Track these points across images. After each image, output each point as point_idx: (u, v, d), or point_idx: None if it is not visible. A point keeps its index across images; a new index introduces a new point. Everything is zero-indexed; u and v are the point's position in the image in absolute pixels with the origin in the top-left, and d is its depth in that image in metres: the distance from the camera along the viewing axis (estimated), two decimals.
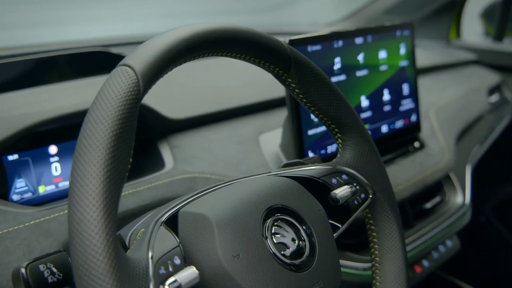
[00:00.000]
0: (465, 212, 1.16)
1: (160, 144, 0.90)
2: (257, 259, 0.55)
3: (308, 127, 0.93)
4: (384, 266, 0.71)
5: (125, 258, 0.47)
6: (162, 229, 0.55)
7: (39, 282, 0.51)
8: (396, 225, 0.73)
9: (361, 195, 0.71)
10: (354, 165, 0.72)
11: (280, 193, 0.62)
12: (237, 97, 1.05)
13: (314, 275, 0.59)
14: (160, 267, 0.49)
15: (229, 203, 0.58)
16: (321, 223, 0.64)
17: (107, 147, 0.47)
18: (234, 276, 0.53)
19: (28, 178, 0.79)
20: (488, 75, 1.73)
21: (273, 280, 0.55)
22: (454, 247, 1.17)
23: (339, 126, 0.71)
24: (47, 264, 0.52)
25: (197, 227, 0.55)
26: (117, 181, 0.47)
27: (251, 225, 0.57)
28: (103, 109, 0.48)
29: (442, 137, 1.21)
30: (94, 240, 0.44)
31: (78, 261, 0.44)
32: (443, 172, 1.13)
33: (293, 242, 0.59)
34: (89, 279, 0.44)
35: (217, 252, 0.54)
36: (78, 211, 0.45)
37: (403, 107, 1.14)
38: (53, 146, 0.82)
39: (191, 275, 0.50)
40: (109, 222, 0.45)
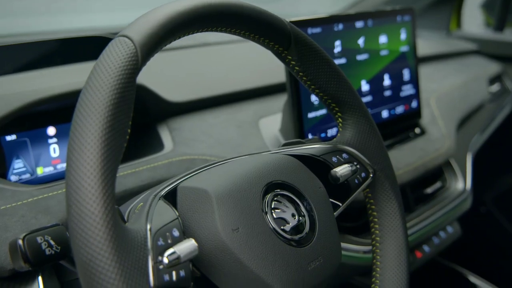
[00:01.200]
0: (466, 198, 1.16)
1: (159, 127, 0.89)
2: (256, 233, 0.54)
3: (308, 110, 0.92)
4: (385, 246, 0.71)
5: (123, 228, 0.46)
6: (161, 203, 0.54)
7: (37, 254, 0.50)
8: (397, 204, 0.72)
9: (362, 174, 0.71)
10: (355, 144, 0.71)
11: (280, 169, 0.62)
12: (237, 82, 1.04)
13: (314, 251, 0.58)
14: (158, 238, 0.49)
15: (228, 178, 0.58)
16: (321, 200, 0.63)
17: (105, 115, 0.46)
18: (233, 250, 0.53)
19: (26, 159, 0.78)
20: (489, 65, 1.73)
21: (273, 254, 0.54)
22: (454, 233, 1.16)
23: (339, 105, 0.70)
24: (45, 236, 0.52)
25: (196, 201, 0.55)
26: (116, 150, 0.47)
27: (251, 200, 0.56)
28: (101, 78, 0.48)
29: (443, 124, 1.21)
30: (91, 208, 0.44)
31: (75, 229, 0.44)
32: (443, 158, 1.12)
33: (293, 217, 0.59)
34: (87, 247, 0.43)
35: (216, 226, 0.53)
36: (75, 179, 0.45)
37: (403, 92, 1.13)
38: (51, 127, 0.81)
39: (190, 247, 0.49)
40: (107, 190, 0.45)
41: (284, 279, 0.54)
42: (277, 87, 1.08)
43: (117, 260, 0.44)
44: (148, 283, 0.46)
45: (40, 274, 0.64)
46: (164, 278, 0.47)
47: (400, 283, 0.68)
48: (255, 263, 0.53)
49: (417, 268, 1.08)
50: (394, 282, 0.68)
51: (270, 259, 0.54)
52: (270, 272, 0.53)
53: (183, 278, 0.49)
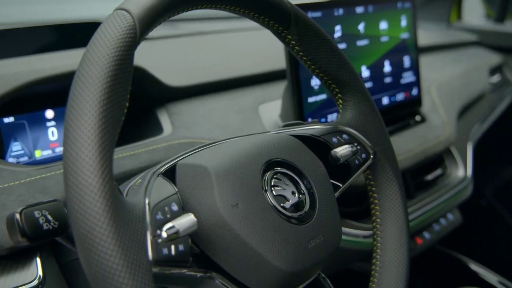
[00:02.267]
0: (466, 185, 1.15)
1: (158, 111, 0.89)
2: (256, 209, 0.54)
3: (308, 95, 0.91)
4: (385, 227, 0.70)
5: (121, 201, 0.46)
6: (159, 179, 0.54)
7: (34, 229, 0.50)
8: (397, 186, 0.72)
9: (362, 155, 0.70)
10: (355, 125, 0.71)
11: (280, 148, 0.61)
12: (237, 68, 1.04)
13: (314, 229, 0.58)
14: (157, 212, 0.48)
15: (227, 155, 0.57)
16: (321, 179, 0.62)
17: (103, 87, 0.46)
18: (232, 226, 0.52)
19: (24, 142, 0.78)
20: (490, 56, 1.72)
21: (272, 231, 0.54)
22: (455, 220, 1.16)
23: (340, 86, 0.70)
24: (43, 211, 0.51)
25: (195, 177, 0.54)
26: (113, 123, 0.46)
27: (250, 177, 0.56)
28: (99, 51, 0.47)
29: (443, 112, 1.20)
30: (89, 179, 0.43)
31: (73, 200, 0.43)
32: (444, 145, 1.12)
33: (293, 195, 0.58)
34: (84, 219, 0.43)
35: (216, 202, 0.53)
36: (73, 151, 0.44)
37: (404, 79, 1.13)
38: (49, 110, 0.81)
39: (189, 222, 0.49)
40: (104, 161, 0.44)
41: (283, 256, 0.53)
42: (277, 74, 1.08)
43: (115, 231, 0.43)
44: (146, 256, 0.45)
45: (38, 255, 0.64)
46: (163, 251, 0.47)
47: (400, 264, 0.68)
48: (255, 239, 0.52)
49: (417, 254, 1.08)
50: (394, 263, 0.68)
51: (269, 236, 0.53)
52: (270, 248, 0.53)
53: (182, 253, 0.48)
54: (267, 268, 0.53)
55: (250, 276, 0.54)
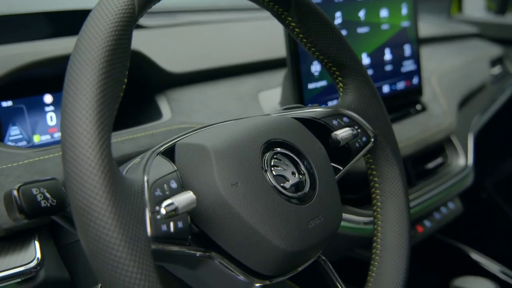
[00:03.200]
0: (467, 174, 1.15)
1: (158, 98, 0.88)
2: (256, 189, 0.53)
3: (308, 81, 0.91)
4: (386, 211, 0.70)
5: (120, 176, 0.45)
6: (158, 158, 0.53)
7: (32, 205, 0.49)
8: (398, 169, 0.71)
9: (363, 138, 0.70)
10: (355, 108, 0.70)
11: (280, 128, 0.61)
12: (237, 55, 1.03)
13: (315, 209, 0.57)
14: (156, 189, 0.48)
15: (227, 135, 0.57)
16: (321, 160, 0.62)
17: (101, 61, 0.45)
18: (232, 204, 0.52)
19: (22, 126, 0.77)
20: (491, 48, 1.72)
21: (272, 210, 0.53)
22: (456, 209, 1.15)
23: (340, 69, 0.69)
24: (40, 188, 0.51)
25: (194, 156, 0.54)
26: (112, 98, 0.46)
27: (250, 156, 0.55)
28: (97, 26, 0.47)
29: (444, 101, 1.20)
30: (87, 153, 0.43)
31: (70, 174, 0.43)
32: (445, 134, 1.11)
33: (293, 175, 0.58)
34: (82, 192, 0.42)
35: (215, 180, 0.52)
36: (70, 125, 0.44)
37: (404, 68, 1.12)
38: (48, 95, 0.80)
39: (188, 199, 0.48)
40: (103, 136, 0.44)
41: (283, 235, 0.53)
42: (277, 63, 1.07)
43: (113, 205, 0.43)
44: (145, 232, 0.45)
45: (36, 237, 0.63)
46: (162, 228, 0.46)
47: (401, 247, 0.67)
48: (254, 218, 0.52)
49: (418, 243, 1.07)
50: (395, 246, 0.68)
51: (269, 215, 0.53)
52: (270, 227, 0.52)
53: (181, 230, 0.48)
54: (266, 248, 0.52)
55: (249, 256, 0.53)
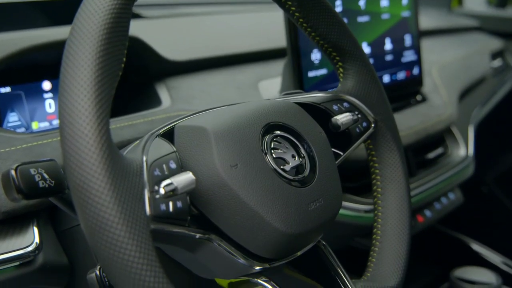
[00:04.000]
0: (468, 164, 1.14)
1: (157, 85, 0.88)
2: (255, 170, 0.53)
3: (308, 68, 0.91)
4: (386, 197, 0.70)
5: (119, 154, 0.45)
6: (157, 139, 0.53)
7: (30, 185, 0.49)
8: (399, 155, 0.71)
9: (363, 123, 0.69)
10: (356, 94, 0.70)
11: (280, 112, 0.60)
12: (237, 45, 1.03)
13: (315, 192, 0.57)
14: (155, 168, 0.47)
15: (227, 117, 0.56)
16: (321, 144, 0.61)
17: (100, 38, 0.45)
18: (231, 186, 0.51)
19: (21, 113, 0.77)
20: (491, 41, 1.71)
21: (272, 192, 0.53)
22: (456, 200, 1.15)
23: (340, 54, 0.69)
24: (38, 169, 0.50)
25: (194, 138, 0.54)
26: (110, 75, 0.45)
27: (249, 139, 0.55)
28: (95, 4, 0.46)
29: (444, 92, 1.19)
30: (85, 130, 0.42)
31: (68, 151, 0.42)
32: (445, 124, 1.11)
33: (293, 158, 0.57)
34: (80, 170, 0.42)
35: (214, 161, 0.52)
36: (68, 102, 0.43)
37: (405, 58, 1.12)
38: (47, 81, 0.80)
39: (188, 180, 0.48)
40: (101, 113, 0.43)
41: (283, 217, 0.53)
42: (277, 52, 1.07)
43: (112, 183, 0.42)
44: (144, 211, 0.44)
45: (35, 222, 0.63)
46: (161, 207, 0.46)
47: (402, 233, 0.67)
48: (254, 200, 0.52)
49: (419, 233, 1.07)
50: (395, 232, 0.67)
51: (269, 197, 0.52)
52: (269, 209, 0.52)
53: (180, 210, 0.47)
54: (266, 230, 0.52)
55: (249, 238, 0.53)
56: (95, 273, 0.55)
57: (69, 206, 0.56)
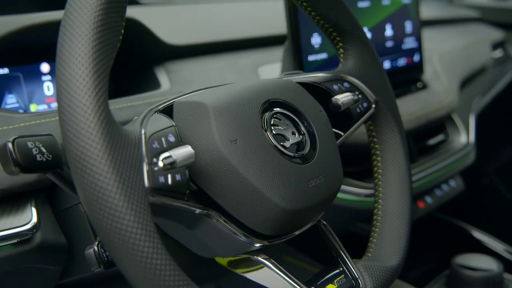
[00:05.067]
0: (469, 152, 1.14)
1: (156, 69, 0.87)
2: (255, 146, 0.53)
3: (308, 52, 0.90)
4: (387, 178, 0.69)
5: (117, 125, 0.44)
6: (156, 114, 0.52)
7: (27, 158, 0.48)
8: (399, 136, 0.70)
9: (364, 103, 0.69)
10: (357, 74, 0.69)
11: (280, 89, 0.60)
12: (237, 30, 1.03)
13: (315, 169, 0.56)
14: (153, 141, 0.47)
15: (226, 93, 0.56)
16: (322, 122, 0.61)
17: (97, 9, 0.44)
18: (231, 161, 0.51)
19: (19, 95, 0.76)
20: (492, 32, 1.71)
21: (272, 168, 0.52)
22: (457, 187, 1.14)
23: (341, 34, 0.68)
24: (36, 142, 0.50)
25: (193, 113, 0.53)
26: (108, 46, 0.45)
27: (249, 114, 0.54)
28: None
29: (445, 79, 1.19)
30: (83, 100, 0.42)
31: (65, 121, 0.42)
32: (446, 110, 1.11)
33: (293, 135, 0.57)
34: (78, 139, 0.41)
35: (214, 136, 0.51)
36: (66, 71, 0.43)
37: (405, 45, 1.11)
38: (45, 64, 0.79)
39: (187, 153, 0.47)
40: (99, 82, 0.43)
41: (283, 193, 0.52)
42: (277, 39, 1.06)
43: (110, 152, 0.42)
44: (142, 182, 0.44)
45: (33, 202, 0.63)
46: (159, 179, 0.45)
47: (403, 213, 0.67)
48: (254, 175, 0.51)
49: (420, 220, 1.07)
50: (396, 212, 0.67)
51: (269, 173, 0.52)
52: (269, 185, 0.52)
53: (179, 183, 0.47)
54: (266, 205, 0.51)
55: (248, 214, 0.52)
56: (93, 249, 0.54)
57: (67, 183, 0.55)
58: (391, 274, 0.61)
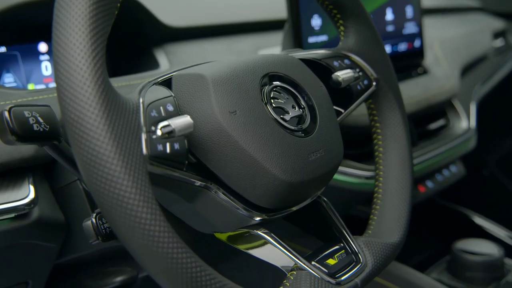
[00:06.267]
0: (470, 137, 1.13)
1: (155, 50, 0.87)
2: (255, 118, 0.52)
3: (308, 34, 0.89)
4: (388, 156, 0.68)
5: (115, 91, 0.44)
6: (154, 86, 0.52)
7: (24, 127, 0.48)
8: (400, 114, 0.70)
9: (364, 81, 0.68)
10: (357, 51, 0.69)
11: (280, 63, 0.59)
12: (237, 13, 1.03)
13: (315, 143, 0.56)
14: (152, 110, 0.46)
15: (225, 66, 0.55)
16: (322, 97, 0.60)
17: None
18: (230, 132, 0.50)
19: (17, 74, 0.76)
20: (493, 21, 1.70)
21: (272, 140, 0.52)
22: (458, 172, 1.14)
23: (341, 11, 0.68)
24: (33, 112, 0.49)
25: (192, 85, 0.53)
26: (106, 11, 0.44)
27: (249, 87, 0.54)
28: None
29: (446, 65, 1.18)
30: (80, 64, 0.41)
31: (62, 85, 0.41)
32: (447, 95, 1.10)
33: (293, 108, 0.56)
34: (75, 104, 0.41)
35: (213, 107, 0.51)
36: (62, 35, 0.42)
37: (406, 30, 1.11)
38: (43, 43, 0.78)
39: (185, 122, 0.47)
40: (96, 47, 0.42)
41: (283, 166, 0.52)
42: (277, 23, 1.05)
43: (107, 117, 0.41)
44: (140, 148, 0.43)
45: (30, 179, 0.62)
46: (158, 147, 0.45)
47: (404, 191, 0.66)
48: (253, 147, 0.50)
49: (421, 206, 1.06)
50: (397, 189, 0.66)
51: (269, 145, 0.51)
52: (269, 156, 0.51)
53: (177, 152, 0.46)
54: (265, 177, 0.51)
55: (248, 187, 0.52)
56: (91, 221, 0.54)
57: (65, 157, 0.55)
58: (392, 250, 0.61)
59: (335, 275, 0.55)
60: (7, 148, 0.58)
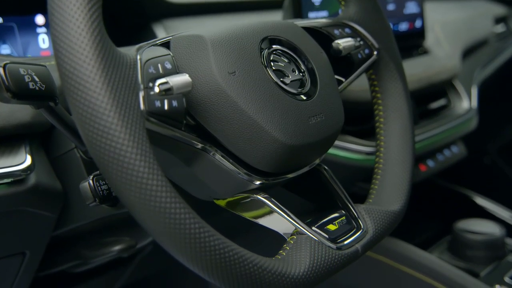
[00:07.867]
0: (471, 117, 1.12)
1: (154, 26, 0.86)
2: (254, 79, 0.51)
3: (308, 9, 0.88)
4: (389, 126, 0.68)
5: (112, 44, 0.43)
6: (152, 47, 0.51)
7: (19, 84, 0.47)
8: (402, 84, 0.69)
9: (365, 50, 0.67)
10: (358, 20, 0.68)
11: (280, 28, 0.58)
12: None
13: (315, 107, 0.55)
14: (149, 66, 0.46)
15: (225, 28, 0.54)
16: (322, 62, 0.59)
17: None
18: (229, 92, 0.49)
19: (13, 46, 0.75)
20: (495, 7, 1.69)
21: (271, 102, 0.51)
22: (459, 153, 1.13)
23: None
24: (28, 70, 0.48)
25: (191, 46, 0.52)
26: None
27: (248, 48, 0.53)
28: None
29: (447, 46, 1.17)
30: (76, 15, 0.41)
31: (57, 36, 0.41)
32: (449, 74, 1.09)
33: (293, 72, 0.55)
34: (70, 55, 0.40)
35: (211, 68, 0.50)
36: None
37: (407, 9, 1.10)
38: (40, 15, 0.77)
39: (184, 80, 0.46)
40: None
41: (283, 128, 0.51)
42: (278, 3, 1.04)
43: (103, 69, 0.40)
44: (137, 103, 0.42)
45: (27, 146, 0.61)
46: (155, 103, 0.44)
47: (405, 161, 0.65)
48: (253, 108, 0.50)
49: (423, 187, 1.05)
50: (399, 159, 0.65)
51: (268, 106, 0.51)
52: (268, 118, 0.50)
53: (175, 109, 0.45)
54: (265, 139, 0.50)
55: (247, 149, 0.51)
56: (88, 182, 0.53)
57: (61, 121, 0.54)
58: (393, 218, 0.60)
59: (335, 240, 0.54)
60: (3, 113, 0.57)
